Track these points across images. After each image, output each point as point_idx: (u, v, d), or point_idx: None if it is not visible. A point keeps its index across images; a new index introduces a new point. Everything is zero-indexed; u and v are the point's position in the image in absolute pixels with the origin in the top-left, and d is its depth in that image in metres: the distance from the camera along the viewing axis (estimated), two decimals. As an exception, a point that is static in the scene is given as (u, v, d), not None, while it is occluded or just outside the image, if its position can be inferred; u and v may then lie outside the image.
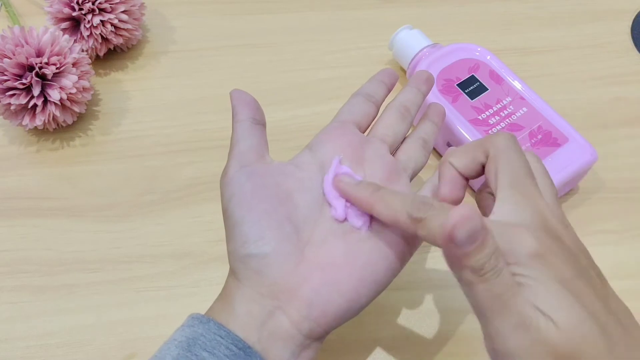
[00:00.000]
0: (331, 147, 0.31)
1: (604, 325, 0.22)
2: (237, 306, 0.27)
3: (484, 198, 0.29)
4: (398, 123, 0.34)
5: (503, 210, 0.24)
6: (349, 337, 0.37)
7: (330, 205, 0.29)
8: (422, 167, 0.34)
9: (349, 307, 0.27)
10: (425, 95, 0.36)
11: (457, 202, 0.28)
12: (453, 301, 0.24)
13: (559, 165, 0.39)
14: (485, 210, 0.28)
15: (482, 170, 0.27)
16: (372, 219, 0.29)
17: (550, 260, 0.23)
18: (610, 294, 0.24)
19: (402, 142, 0.34)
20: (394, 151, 0.34)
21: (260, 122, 0.31)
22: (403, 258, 0.29)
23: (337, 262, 0.27)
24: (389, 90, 0.36)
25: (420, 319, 0.37)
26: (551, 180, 0.27)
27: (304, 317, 0.26)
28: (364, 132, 0.34)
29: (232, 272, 0.28)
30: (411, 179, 0.33)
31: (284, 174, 0.30)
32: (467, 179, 0.28)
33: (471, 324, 0.36)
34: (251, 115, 0.31)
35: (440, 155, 0.44)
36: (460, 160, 0.27)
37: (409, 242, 0.29)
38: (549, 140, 0.40)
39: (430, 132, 0.35)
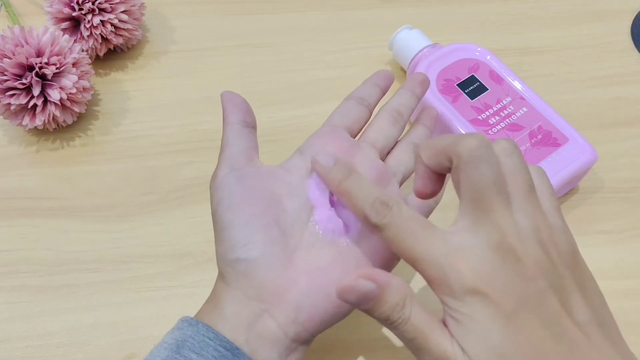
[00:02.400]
0: (321, 152, 0.31)
1: (545, 354, 0.22)
2: (226, 308, 0.27)
3: None
4: (389, 127, 0.34)
5: (460, 225, 0.24)
6: (347, 338, 0.37)
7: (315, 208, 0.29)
8: (412, 172, 0.34)
9: (336, 312, 0.27)
10: (419, 98, 0.36)
11: (432, 195, 0.27)
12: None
13: (559, 165, 0.39)
14: None
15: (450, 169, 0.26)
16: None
17: (488, 294, 0.22)
18: (576, 309, 0.23)
19: (393, 146, 0.34)
20: (385, 156, 0.34)
21: (250, 125, 0.31)
22: (391, 262, 0.30)
23: (325, 267, 0.28)
24: (383, 93, 0.36)
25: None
26: (552, 192, 0.26)
27: (291, 320, 0.26)
28: (355, 136, 0.34)
29: (221, 275, 0.28)
30: (401, 184, 0.33)
31: (273, 178, 0.30)
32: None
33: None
34: (241, 118, 0.31)
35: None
36: (428, 158, 0.26)
37: None
38: (549, 140, 0.40)
39: (422, 136, 0.35)
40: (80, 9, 0.45)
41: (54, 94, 0.42)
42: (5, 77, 0.41)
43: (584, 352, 0.22)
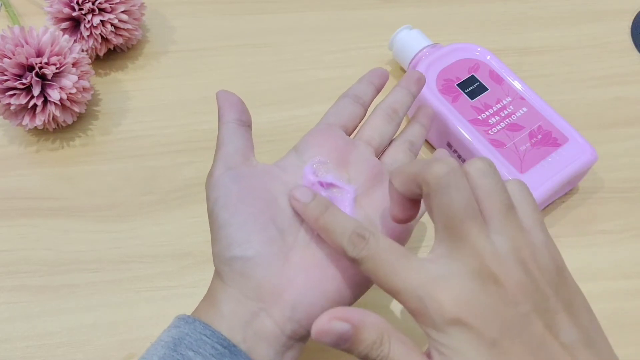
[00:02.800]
0: (317, 150, 0.31)
1: None
2: (223, 306, 0.27)
3: None
4: (385, 125, 0.34)
5: (437, 252, 0.24)
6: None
7: None
8: None
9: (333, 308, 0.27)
10: (415, 96, 0.36)
11: (409, 220, 0.27)
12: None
13: (559, 165, 0.39)
14: None
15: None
16: None
17: (470, 324, 0.21)
18: (563, 330, 0.23)
19: (389, 145, 0.34)
20: (380, 153, 0.34)
21: (246, 124, 0.31)
22: None
23: (321, 264, 0.28)
24: (378, 91, 0.36)
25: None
26: (534, 207, 0.26)
27: (287, 318, 0.26)
28: (350, 134, 0.34)
29: (217, 274, 0.28)
30: None
31: (269, 176, 0.30)
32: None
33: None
34: (237, 117, 0.31)
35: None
36: (400, 185, 0.26)
37: (397, 239, 0.29)
38: (549, 140, 0.40)
39: (417, 135, 0.35)
40: (80, 9, 0.45)
41: (54, 94, 0.42)
42: (5, 77, 0.41)
43: None
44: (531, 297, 0.22)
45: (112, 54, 0.50)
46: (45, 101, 0.42)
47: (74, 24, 0.47)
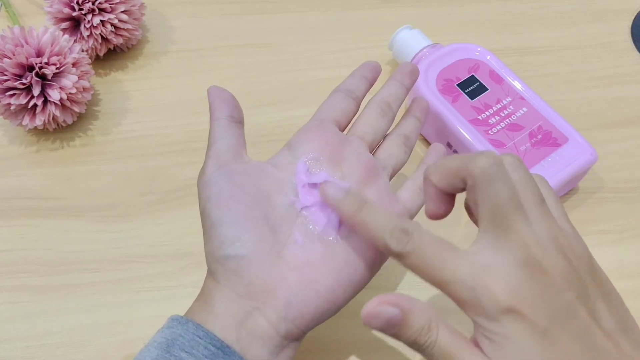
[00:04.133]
0: (309, 147, 0.31)
1: None
2: (216, 306, 0.27)
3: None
4: (378, 120, 0.34)
5: (482, 243, 0.24)
6: (345, 339, 0.37)
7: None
8: (402, 165, 0.34)
9: (327, 308, 0.27)
10: (408, 88, 0.35)
11: (445, 215, 0.27)
12: (448, 301, 0.24)
13: (559, 165, 0.39)
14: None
15: (464, 188, 0.26)
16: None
17: (522, 312, 0.22)
18: (603, 317, 0.23)
19: (383, 139, 0.34)
20: (374, 148, 0.34)
21: (237, 120, 0.31)
22: (381, 258, 0.29)
23: (314, 263, 0.28)
24: (371, 85, 0.35)
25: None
26: (558, 199, 0.27)
27: (281, 317, 0.26)
28: (344, 130, 0.33)
29: (210, 273, 0.28)
30: (391, 177, 0.33)
31: (262, 174, 0.30)
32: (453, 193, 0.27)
33: (466, 325, 0.36)
34: (228, 113, 0.31)
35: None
36: (440, 180, 0.26)
37: None
38: (549, 140, 0.40)
39: (412, 128, 0.35)
40: (80, 9, 0.45)
41: (54, 94, 0.42)
42: (5, 77, 0.41)
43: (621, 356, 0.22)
44: (574, 285, 0.23)
45: (112, 54, 0.50)
46: (45, 101, 0.42)
47: (74, 24, 0.47)
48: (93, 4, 0.45)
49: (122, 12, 0.46)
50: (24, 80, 0.41)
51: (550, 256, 0.23)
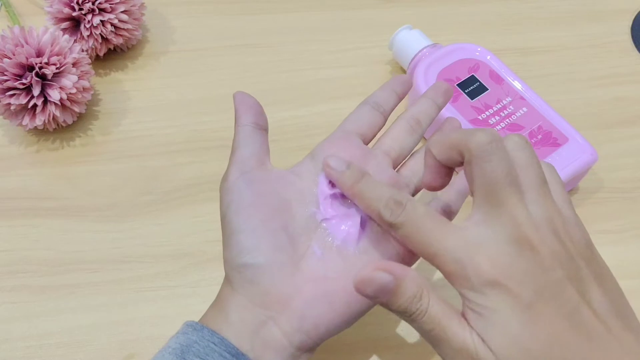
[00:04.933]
0: (333, 156, 0.31)
1: (566, 344, 0.22)
2: (231, 314, 0.27)
3: None
4: (406, 136, 0.33)
5: (475, 218, 0.24)
6: (348, 339, 0.37)
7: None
8: None
9: (341, 321, 0.27)
10: (441, 108, 0.34)
11: (441, 187, 0.27)
12: (453, 300, 0.24)
13: (559, 165, 0.39)
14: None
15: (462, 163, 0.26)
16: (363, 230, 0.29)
17: (507, 286, 0.22)
18: (595, 300, 0.23)
19: (410, 156, 0.34)
20: (399, 165, 0.33)
21: (262, 127, 0.31)
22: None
23: (331, 276, 0.27)
24: (400, 99, 0.35)
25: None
26: (563, 187, 0.27)
27: (295, 329, 0.26)
28: (368, 143, 0.33)
29: (228, 280, 0.28)
30: (414, 194, 0.32)
31: (283, 182, 0.30)
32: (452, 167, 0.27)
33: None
34: (254, 120, 0.30)
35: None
36: (439, 152, 0.26)
37: (404, 257, 0.29)
38: (549, 140, 0.40)
39: None
40: (80, 9, 0.45)
41: (54, 94, 0.42)
42: (5, 77, 0.41)
43: (604, 341, 0.22)
44: (565, 265, 0.23)
45: (112, 54, 0.50)
46: (45, 101, 0.42)
47: (74, 24, 0.47)
48: (93, 4, 0.45)
49: (122, 12, 0.46)
50: (24, 80, 0.41)
51: (541, 235, 0.23)
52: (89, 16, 0.45)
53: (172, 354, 0.25)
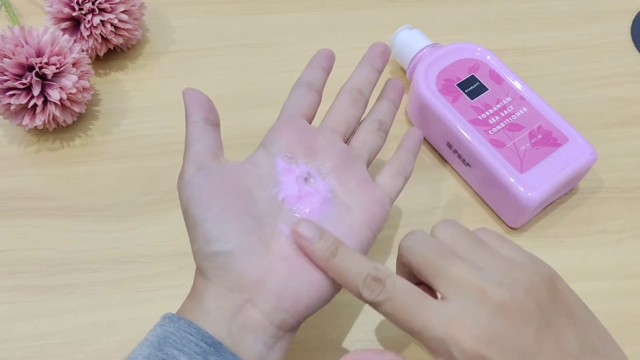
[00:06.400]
0: (283, 143, 0.31)
1: None
2: (207, 303, 0.27)
3: None
4: (350, 109, 0.34)
5: (444, 294, 0.25)
6: (340, 338, 0.37)
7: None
8: (378, 150, 0.34)
9: (320, 295, 0.27)
10: (380, 71, 0.35)
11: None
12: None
13: (559, 165, 0.39)
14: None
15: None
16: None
17: (490, 357, 0.23)
18: (571, 342, 0.24)
19: (358, 126, 0.34)
20: (349, 137, 0.34)
21: (214, 123, 0.31)
22: (369, 242, 0.30)
23: (303, 253, 0.28)
24: (328, 74, 0.36)
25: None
26: (503, 237, 0.28)
27: (274, 308, 0.26)
28: (311, 122, 0.34)
29: (200, 271, 0.28)
30: (369, 164, 0.33)
31: (241, 171, 0.30)
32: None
33: None
34: (204, 116, 0.31)
35: (441, 156, 0.44)
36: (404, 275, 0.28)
37: (372, 227, 0.30)
38: (549, 140, 0.40)
39: (387, 112, 0.35)
40: (80, 9, 0.45)
41: (54, 94, 0.42)
42: (5, 77, 0.41)
43: None
44: (537, 315, 0.24)
45: (112, 54, 0.50)
46: (45, 101, 0.42)
47: (74, 24, 0.47)
48: (93, 4, 0.45)
49: (122, 12, 0.46)
50: (24, 80, 0.41)
51: (504, 291, 0.24)
52: (89, 16, 0.45)
53: (150, 346, 0.26)
